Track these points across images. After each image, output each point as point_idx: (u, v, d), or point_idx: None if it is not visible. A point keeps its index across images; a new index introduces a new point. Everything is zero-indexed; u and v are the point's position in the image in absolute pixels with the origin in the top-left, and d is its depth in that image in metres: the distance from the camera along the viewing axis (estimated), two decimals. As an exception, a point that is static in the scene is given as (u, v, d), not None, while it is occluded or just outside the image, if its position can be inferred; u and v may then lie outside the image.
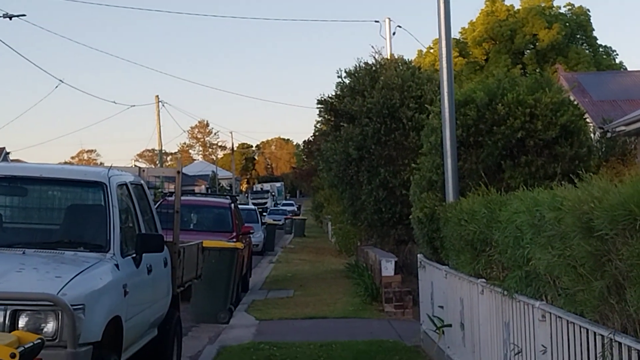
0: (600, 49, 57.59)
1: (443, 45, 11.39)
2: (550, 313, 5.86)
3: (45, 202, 8.37)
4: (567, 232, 5.07)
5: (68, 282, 6.39)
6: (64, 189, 8.32)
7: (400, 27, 28.94)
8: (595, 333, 4.93)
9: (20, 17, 26.48)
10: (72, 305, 6.09)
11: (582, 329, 5.17)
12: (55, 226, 8.07)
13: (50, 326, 6.11)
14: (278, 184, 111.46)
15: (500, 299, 7.33)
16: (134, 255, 7.85)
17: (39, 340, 4.88)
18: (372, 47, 26.58)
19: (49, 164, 9.46)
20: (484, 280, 8.02)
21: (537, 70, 19.31)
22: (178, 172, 9.93)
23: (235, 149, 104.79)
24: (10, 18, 26.15)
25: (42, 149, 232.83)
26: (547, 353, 5.96)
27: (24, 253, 7.16)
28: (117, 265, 7.34)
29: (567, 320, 5.46)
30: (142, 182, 9.38)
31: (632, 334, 4.51)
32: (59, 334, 6.08)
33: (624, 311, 4.56)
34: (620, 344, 4.56)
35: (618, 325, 4.69)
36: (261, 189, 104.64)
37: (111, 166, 8.65)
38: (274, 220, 47.65)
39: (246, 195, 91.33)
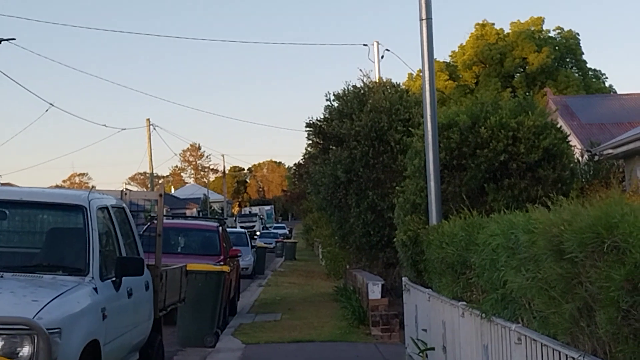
0: (590, 73, 57.88)
1: (426, 69, 11.45)
2: (526, 336, 5.87)
3: (26, 225, 8.37)
4: (539, 255, 5.10)
5: (44, 305, 6.37)
6: (45, 212, 8.32)
7: (388, 50, 29.13)
8: (567, 355, 4.94)
9: (10, 40, 26.55)
10: (48, 329, 6.07)
11: (554, 351, 5.18)
12: (35, 249, 8.05)
13: (26, 350, 6.08)
14: (267, 208, 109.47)
15: (479, 322, 7.34)
16: (114, 278, 7.83)
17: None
18: (361, 70, 26.64)
19: (32, 187, 9.44)
20: (464, 303, 8.03)
21: (527, 94, 19.40)
22: (160, 196, 9.93)
23: (227, 172, 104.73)
24: (0, 42, 26.20)
25: (34, 172, 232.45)
26: (523, 376, 5.96)
27: (2, 277, 7.14)
28: (95, 289, 7.32)
29: (541, 343, 5.47)
30: (124, 205, 9.37)
31: (601, 356, 4.53)
32: (34, 358, 6.05)
33: (593, 334, 4.57)
34: (590, 366, 4.58)
35: (589, 347, 4.70)
36: (249, 212, 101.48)
37: (92, 189, 8.65)
38: (264, 243, 47.56)
39: (234, 218, 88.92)
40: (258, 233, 62.42)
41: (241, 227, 53.32)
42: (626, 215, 4.21)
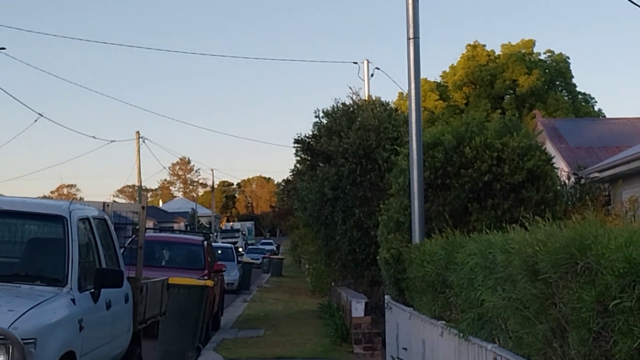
0: (580, 96, 58.15)
1: (412, 88, 11.49)
2: (502, 356, 5.87)
3: (5, 235, 8.33)
4: (514, 275, 5.11)
5: (20, 315, 6.33)
6: (25, 222, 8.29)
7: (378, 69, 29.19)
8: (540, 376, 4.94)
9: (0, 50, 26.52)
10: (23, 339, 6.04)
11: (528, 372, 5.19)
12: (15, 259, 8.01)
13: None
14: (248, 224, 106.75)
15: (457, 342, 7.34)
16: (93, 290, 7.79)
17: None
18: (350, 88, 26.72)
19: (14, 197, 9.40)
20: (443, 322, 8.03)
21: (515, 115, 19.51)
22: (142, 208, 9.91)
23: (215, 186, 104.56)
24: (-10, 51, 26.18)
25: (22, 182, 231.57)
26: (498, 396, 5.96)
27: (-21, 286, 7.10)
28: (73, 300, 7.28)
29: (516, 363, 5.47)
30: (106, 216, 9.34)
31: (573, 377, 4.53)
32: (9, 368, 6.01)
33: (566, 354, 4.58)
34: (562, 387, 4.58)
35: (561, 368, 4.70)
36: (231, 227, 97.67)
37: (72, 200, 8.63)
38: (251, 259, 47.43)
39: (215, 234, 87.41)
40: (240, 249, 61.15)
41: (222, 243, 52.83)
42: (599, 237, 4.23)
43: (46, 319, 6.65)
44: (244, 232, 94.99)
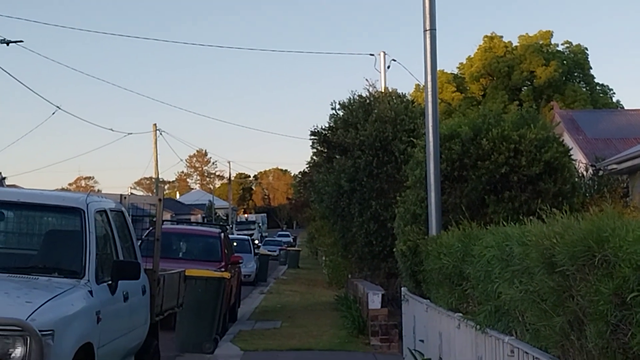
0: (598, 87, 57.80)
1: (429, 79, 11.45)
2: (519, 348, 5.85)
3: (23, 227, 8.37)
4: (532, 267, 5.09)
5: (38, 307, 6.36)
6: (42, 214, 8.32)
7: (395, 60, 29.08)
8: (557, 369, 4.93)
9: (18, 42, 26.61)
10: (41, 331, 6.06)
11: (545, 364, 5.17)
12: (32, 251, 8.04)
13: (18, 351, 6.07)
14: (261, 216, 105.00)
15: (474, 334, 7.32)
16: (110, 282, 7.82)
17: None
18: (367, 80, 26.67)
19: (32, 189, 9.45)
20: (460, 314, 8.01)
21: (533, 107, 19.33)
22: (159, 200, 9.93)
23: (232, 178, 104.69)
24: (8, 44, 26.26)
25: (40, 175, 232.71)
26: (515, 388, 5.95)
27: (-3, 278, 7.14)
28: (90, 292, 7.31)
29: (533, 356, 5.45)
30: (123, 209, 9.37)
31: (591, 370, 4.51)
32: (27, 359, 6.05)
33: (583, 347, 4.56)
34: (579, 380, 4.56)
35: (579, 361, 4.69)
36: (246, 219, 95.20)
37: (90, 192, 8.66)
38: (268, 251, 47.51)
39: (231, 226, 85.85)
40: (256, 241, 60.41)
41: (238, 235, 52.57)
42: (617, 230, 4.20)
43: (64, 310, 6.67)
44: (260, 224, 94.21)
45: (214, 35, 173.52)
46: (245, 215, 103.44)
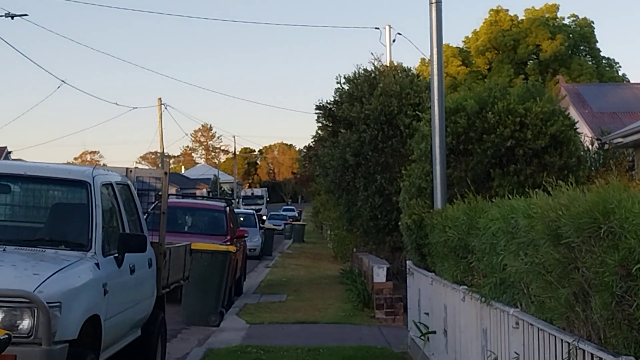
0: (604, 61, 57.57)
1: (434, 53, 11.41)
2: (523, 320, 5.87)
3: (30, 200, 8.40)
4: (537, 240, 5.09)
5: (45, 279, 6.41)
6: (49, 188, 8.35)
7: (400, 34, 28.98)
8: (562, 340, 4.94)
9: (23, 16, 26.56)
10: (48, 302, 6.12)
11: (550, 336, 5.19)
12: (39, 224, 8.09)
13: (25, 323, 6.14)
14: (263, 189, 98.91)
15: (479, 306, 7.34)
16: (116, 254, 7.86)
17: (6, 336, 4.90)
18: (372, 54, 26.54)
19: (38, 162, 9.47)
20: (465, 287, 8.03)
21: (538, 81, 19.13)
22: (165, 174, 9.95)
23: (237, 153, 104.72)
24: (12, 17, 26.21)
25: (45, 149, 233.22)
26: (520, 360, 5.98)
27: (4, 250, 7.19)
28: (97, 264, 7.36)
29: (538, 328, 5.47)
30: (129, 182, 9.40)
31: (596, 341, 4.53)
32: (34, 331, 6.11)
33: (588, 319, 4.57)
34: (584, 351, 4.58)
35: (584, 332, 4.70)
36: (252, 194, 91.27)
37: (96, 165, 8.69)
38: (273, 225, 47.65)
39: (237, 200, 78.93)
40: (264, 217, 59.46)
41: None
42: (623, 201, 4.20)
43: (71, 283, 6.73)
44: (268, 199, 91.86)
45: (219, 10, 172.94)
46: (251, 189, 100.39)
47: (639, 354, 4.06)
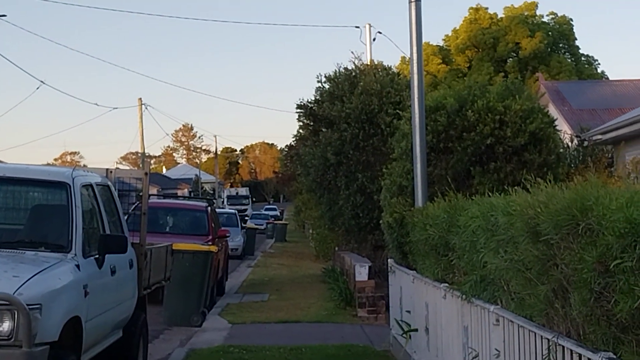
0: (583, 59, 57.89)
1: (414, 51, 11.44)
2: (504, 317, 5.90)
3: (9, 202, 8.36)
4: (516, 237, 5.13)
5: (25, 281, 6.38)
6: (28, 189, 8.32)
7: (380, 33, 29.07)
8: (542, 337, 4.98)
9: (1, 17, 26.43)
10: (28, 304, 6.09)
11: (530, 332, 5.22)
12: (19, 226, 8.06)
13: (5, 325, 6.11)
14: (245, 189, 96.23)
15: (460, 304, 7.37)
16: (97, 256, 7.83)
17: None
18: (352, 52, 26.64)
19: (17, 164, 9.42)
20: (446, 284, 8.06)
21: (518, 78, 19.16)
22: (145, 174, 9.93)
23: (219, 153, 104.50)
24: (-10, 18, 26.06)
25: (24, 150, 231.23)
26: (501, 357, 6.00)
27: (-17, 252, 7.14)
28: (78, 266, 7.33)
29: (518, 324, 5.50)
30: (109, 183, 9.37)
31: (575, 337, 4.56)
32: (14, 334, 6.08)
33: (568, 315, 4.60)
34: (563, 347, 4.61)
35: (563, 329, 4.73)
36: (237, 193, 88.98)
37: (76, 166, 8.66)
38: (255, 224, 47.59)
39: (221, 200, 77.04)
40: (247, 217, 58.53)
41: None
42: (601, 198, 4.23)
43: (51, 284, 6.70)
44: (254, 199, 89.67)
45: (198, 10, 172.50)
46: (236, 188, 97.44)
47: (618, 349, 4.09)
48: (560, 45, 58.08)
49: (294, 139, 24.34)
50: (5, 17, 26.51)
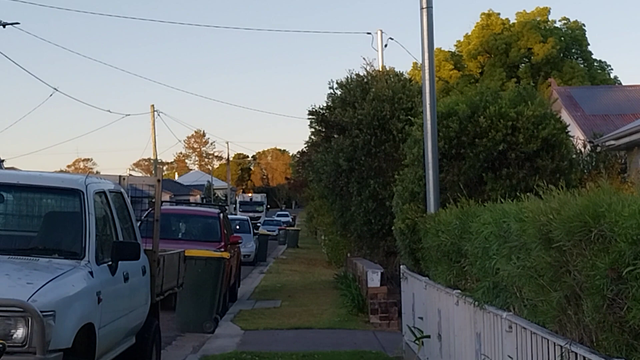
0: (595, 64, 57.73)
1: (426, 58, 11.45)
2: (516, 324, 5.89)
3: (23, 209, 8.40)
4: (529, 243, 5.12)
5: (39, 288, 6.41)
6: (41, 196, 8.35)
7: (392, 39, 29.11)
8: (554, 343, 4.97)
9: (14, 25, 26.53)
10: (42, 311, 6.12)
11: (543, 339, 5.21)
12: (32, 233, 8.09)
13: (20, 332, 6.14)
14: (262, 195, 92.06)
15: (473, 310, 7.36)
16: (110, 262, 7.86)
17: (0, 345, 4.91)
18: (364, 58, 26.62)
19: (30, 171, 9.47)
20: (459, 291, 8.05)
21: (530, 84, 19.07)
22: (158, 181, 9.95)
23: (231, 159, 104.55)
24: (4, 26, 26.19)
25: (38, 157, 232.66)
26: (513, 363, 5.99)
27: (-3, 259, 7.17)
28: (91, 273, 7.36)
29: (531, 331, 5.49)
30: (122, 190, 9.40)
31: (588, 344, 4.55)
32: (28, 340, 6.11)
33: (580, 322, 4.60)
34: (576, 354, 4.60)
35: (576, 335, 4.72)
36: (250, 199, 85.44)
37: (89, 173, 8.69)
38: (267, 230, 47.59)
39: (234, 206, 74.80)
40: (259, 224, 57.04)
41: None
42: (613, 205, 4.22)
43: (64, 291, 6.73)
44: (268, 206, 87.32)
45: (211, 16, 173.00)
46: (250, 194, 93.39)
47: (631, 356, 4.08)
48: (573, 50, 57.95)
49: (306, 145, 24.36)
50: (18, 24, 26.61)
